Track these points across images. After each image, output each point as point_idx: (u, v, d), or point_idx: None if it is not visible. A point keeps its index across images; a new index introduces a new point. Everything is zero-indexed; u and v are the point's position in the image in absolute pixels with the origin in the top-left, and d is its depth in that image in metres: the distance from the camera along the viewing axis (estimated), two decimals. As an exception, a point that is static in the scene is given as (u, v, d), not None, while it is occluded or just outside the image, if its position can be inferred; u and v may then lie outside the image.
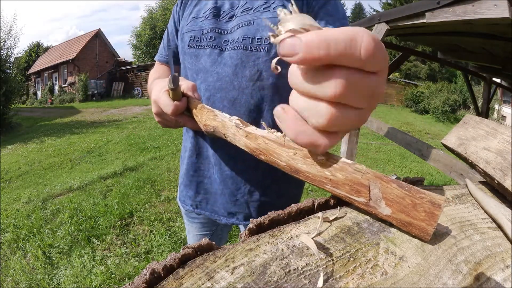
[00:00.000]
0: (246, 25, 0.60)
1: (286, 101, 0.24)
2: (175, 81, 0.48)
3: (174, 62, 0.74)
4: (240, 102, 0.60)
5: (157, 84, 0.57)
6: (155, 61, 0.82)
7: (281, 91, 0.61)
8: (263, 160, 0.34)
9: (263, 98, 0.60)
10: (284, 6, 0.58)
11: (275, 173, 0.34)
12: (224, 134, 0.42)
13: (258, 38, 0.58)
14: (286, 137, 0.30)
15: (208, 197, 0.71)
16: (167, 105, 0.50)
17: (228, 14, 0.64)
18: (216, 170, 0.67)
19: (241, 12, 0.62)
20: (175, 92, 0.50)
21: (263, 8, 0.60)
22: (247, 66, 0.59)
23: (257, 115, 0.61)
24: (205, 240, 0.24)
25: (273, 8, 0.59)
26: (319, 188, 0.30)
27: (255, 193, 0.67)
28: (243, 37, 0.59)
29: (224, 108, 0.61)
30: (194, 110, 0.52)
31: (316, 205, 0.31)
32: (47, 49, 22.42)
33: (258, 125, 0.61)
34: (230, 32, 0.62)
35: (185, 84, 0.53)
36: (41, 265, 1.98)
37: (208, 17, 0.64)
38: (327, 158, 0.27)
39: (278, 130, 0.32)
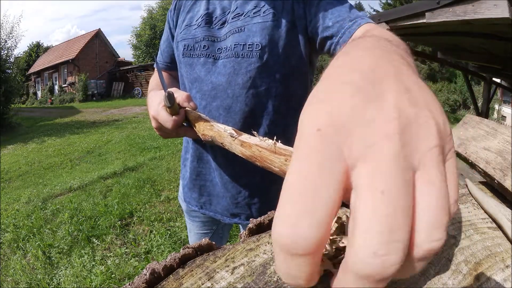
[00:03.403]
0: (237, 32, 0.59)
1: (279, 107, 0.23)
2: (170, 99, 0.50)
3: (173, 68, 0.75)
4: (235, 110, 0.60)
5: (154, 99, 0.59)
6: (155, 61, 0.82)
7: (275, 97, 0.61)
8: (259, 166, 0.35)
9: (258, 105, 0.60)
10: (274, 9, 0.58)
11: (274, 176, 0.34)
12: (221, 143, 0.44)
13: (249, 44, 0.58)
14: (277, 144, 0.32)
15: (211, 198, 0.72)
16: (167, 121, 0.53)
17: (220, 20, 0.63)
18: (216, 175, 0.68)
19: (232, 18, 0.61)
20: (172, 108, 0.52)
21: (253, 13, 0.59)
22: (239, 74, 0.59)
23: (252, 121, 0.61)
24: (205, 240, 0.24)
25: (263, 12, 0.58)
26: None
27: (255, 196, 0.67)
28: (235, 44, 0.59)
29: (220, 116, 0.61)
30: (192, 121, 0.54)
31: (316, 205, 0.31)
32: (47, 49, 22.40)
33: (256, 130, 0.61)
34: (223, 39, 0.62)
35: (179, 96, 0.54)
36: (41, 265, 1.98)
37: (200, 24, 0.64)
38: None
39: (271, 137, 0.34)
